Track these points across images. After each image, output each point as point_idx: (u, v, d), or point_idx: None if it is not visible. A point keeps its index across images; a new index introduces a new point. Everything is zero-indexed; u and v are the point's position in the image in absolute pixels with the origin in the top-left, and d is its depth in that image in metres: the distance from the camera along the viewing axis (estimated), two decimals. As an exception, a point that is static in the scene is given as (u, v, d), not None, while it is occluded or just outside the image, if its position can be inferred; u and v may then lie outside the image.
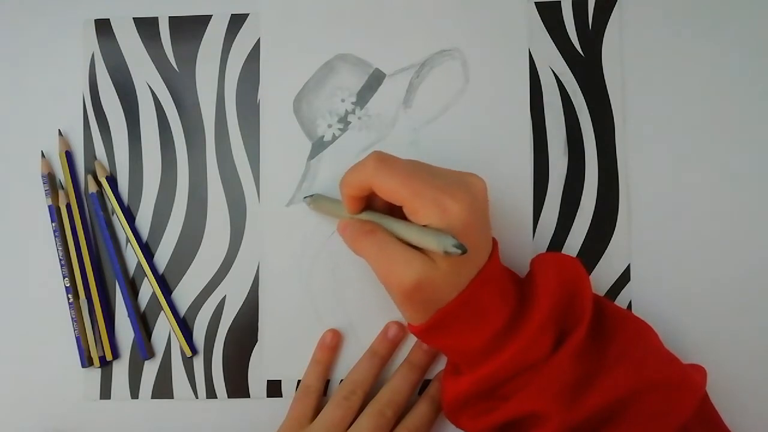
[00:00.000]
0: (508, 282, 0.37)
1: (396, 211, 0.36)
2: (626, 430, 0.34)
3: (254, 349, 0.44)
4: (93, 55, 0.45)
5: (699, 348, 0.38)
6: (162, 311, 0.44)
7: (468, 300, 0.34)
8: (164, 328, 0.44)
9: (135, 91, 0.45)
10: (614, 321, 0.37)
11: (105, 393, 0.44)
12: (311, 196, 0.43)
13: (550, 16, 0.44)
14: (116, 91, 0.45)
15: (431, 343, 0.38)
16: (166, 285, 0.44)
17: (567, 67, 0.44)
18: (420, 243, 0.34)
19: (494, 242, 0.37)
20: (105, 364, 0.44)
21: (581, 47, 0.44)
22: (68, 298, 0.44)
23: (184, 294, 0.44)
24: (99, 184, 0.44)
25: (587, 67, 0.44)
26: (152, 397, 0.44)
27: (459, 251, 0.31)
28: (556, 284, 0.36)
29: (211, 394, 0.44)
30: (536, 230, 0.43)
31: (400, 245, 0.34)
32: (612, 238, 0.43)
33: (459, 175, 0.35)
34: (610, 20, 0.44)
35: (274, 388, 0.43)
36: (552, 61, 0.44)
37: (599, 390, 0.34)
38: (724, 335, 0.42)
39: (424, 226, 0.33)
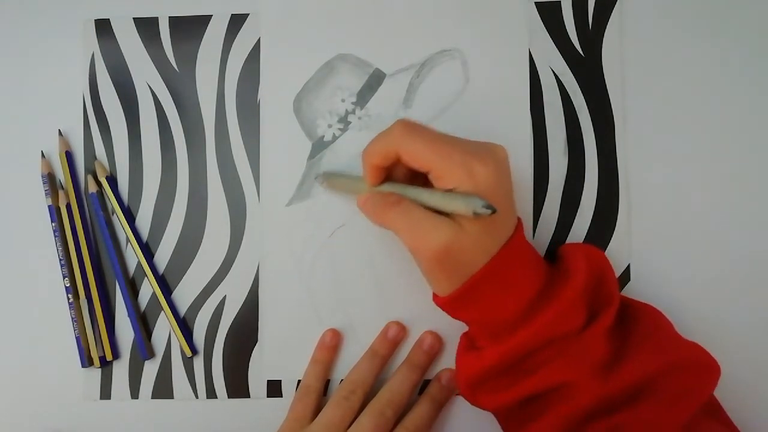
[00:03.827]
0: (535, 256, 0.38)
1: (416, 183, 0.36)
2: (652, 407, 0.34)
3: (254, 349, 0.44)
4: (93, 55, 0.45)
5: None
6: (162, 311, 0.44)
7: (499, 267, 0.35)
8: (164, 328, 0.44)
9: (135, 91, 0.45)
10: (634, 310, 0.38)
11: (105, 393, 0.44)
12: (322, 174, 0.42)
13: (550, 16, 0.44)
14: (116, 91, 0.45)
15: (458, 315, 0.38)
16: (166, 285, 0.44)
17: (567, 67, 0.44)
18: (447, 207, 0.34)
19: (518, 219, 0.37)
20: (105, 364, 0.44)
21: (581, 47, 0.44)
22: (68, 298, 0.44)
23: (184, 294, 0.44)
24: (99, 184, 0.44)
25: (587, 67, 0.44)
26: (152, 397, 0.44)
27: (488, 211, 0.31)
28: (586, 266, 0.37)
29: (211, 394, 0.44)
30: (536, 230, 0.43)
31: (426, 212, 0.34)
32: (612, 238, 0.43)
33: (483, 144, 0.36)
34: (610, 20, 0.44)
35: (274, 388, 0.43)
36: (552, 61, 0.44)
37: (628, 367, 0.35)
38: (725, 334, 0.42)
39: (449, 191, 0.34)
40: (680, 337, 0.38)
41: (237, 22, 0.45)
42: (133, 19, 0.45)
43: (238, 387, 0.44)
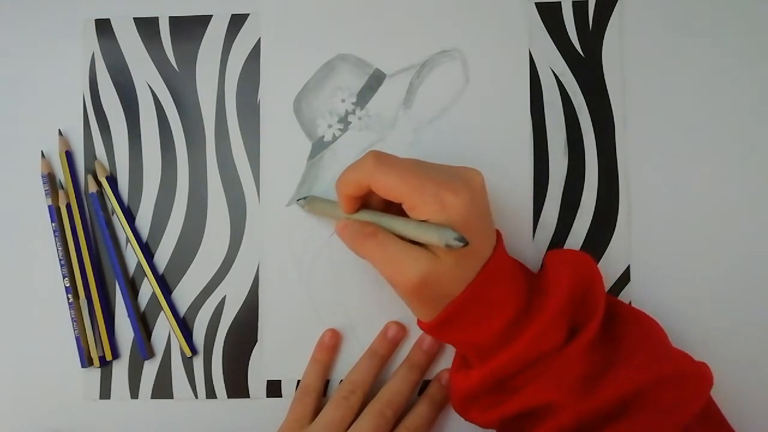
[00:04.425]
0: (517, 273, 0.38)
1: (392, 209, 0.36)
2: (640, 421, 0.34)
3: (254, 349, 0.44)
4: (93, 55, 0.45)
5: (699, 348, 0.38)
6: (162, 311, 0.44)
7: (476, 292, 0.35)
8: (164, 328, 0.44)
9: (135, 90, 0.45)
10: (625, 318, 0.38)
11: (105, 393, 0.44)
12: (305, 198, 0.43)
13: (550, 16, 0.44)
14: (116, 91, 0.45)
15: (442, 339, 0.38)
16: (166, 285, 0.44)
17: (567, 67, 0.44)
18: (421, 238, 0.34)
19: (498, 234, 0.37)
20: (105, 364, 0.44)
21: (581, 47, 0.44)
22: (68, 298, 0.44)
23: (184, 294, 0.44)
24: (99, 183, 0.44)
25: (587, 67, 0.44)
26: (152, 397, 0.44)
27: (461, 244, 0.31)
28: (570, 278, 0.37)
29: (210, 394, 0.44)
30: (536, 230, 0.43)
31: (402, 243, 0.34)
32: (612, 239, 0.43)
33: (456, 170, 0.36)
34: (610, 21, 0.44)
35: (273, 388, 0.43)
36: (552, 62, 0.44)
37: (612, 382, 0.35)
38: (725, 335, 0.42)
39: (423, 221, 0.34)
40: (671, 346, 0.37)
41: (237, 22, 0.45)
42: (134, 18, 0.45)
43: (237, 387, 0.44)
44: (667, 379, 0.35)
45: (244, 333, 0.44)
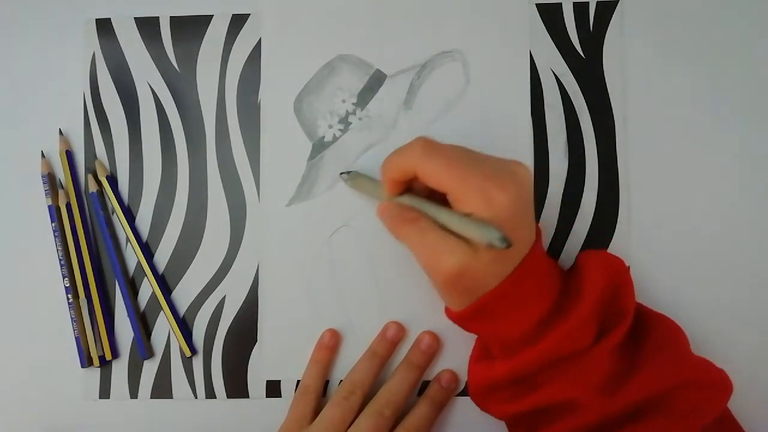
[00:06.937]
0: (551, 271, 0.38)
1: (436, 197, 0.36)
2: (658, 424, 0.34)
3: (254, 349, 0.44)
4: (94, 55, 0.45)
5: (699, 349, 0.38)
6: (162, 311, 0.44)
7: (510, 289, 0.34)
8: (164, 327, 0.44)
9: (136, 90, 0.45)
10: (649, 321, 0.38)
11: (104, 392, 0.44)
12: (349, 172, 0.43)
13: (551, 17, 0.44)
14: (117, 91, 0.45)
15: (469, 329, 0.38)
16: (165, 285, 0.44)
17: (568, 68, 0.44)
18: (463, 232, 0.33)
19: (538, 230, 0.37)
20: (104, 364, 0.44)
21: (582, 49, 0.44)
22: (68, 298, 0.43)
23: (184, 294, 0.44)
24: (99, 183, 0.44)
25: (588, 68, 0.44)
26: (151, 397, 0.44)
27: (503, 245, 0.31)
28: (603, 280, 0.37)
29: (210, 394, 0.44)
30: (536, 231, 0.43)
31: (442, 233, 0.34)
32: (612, 240, 0.43)
33: (505, 164, 0.35)
34: (611, 22, 0.44)
35: (273, 389, 0.43)
36: (553, 63, 0.44)
37: (635, 384, 0.35)
38: (725, 336, 0.42)
39: (467, 214, 0.33)
40: (692, 353, 0.37)
41: (238, 22, 0.45)
42: (134, 18, 0.45)
43: (237, 387, 0.43)
44: (688, 384, 0.35)
45: (244, 333, 0.44)
